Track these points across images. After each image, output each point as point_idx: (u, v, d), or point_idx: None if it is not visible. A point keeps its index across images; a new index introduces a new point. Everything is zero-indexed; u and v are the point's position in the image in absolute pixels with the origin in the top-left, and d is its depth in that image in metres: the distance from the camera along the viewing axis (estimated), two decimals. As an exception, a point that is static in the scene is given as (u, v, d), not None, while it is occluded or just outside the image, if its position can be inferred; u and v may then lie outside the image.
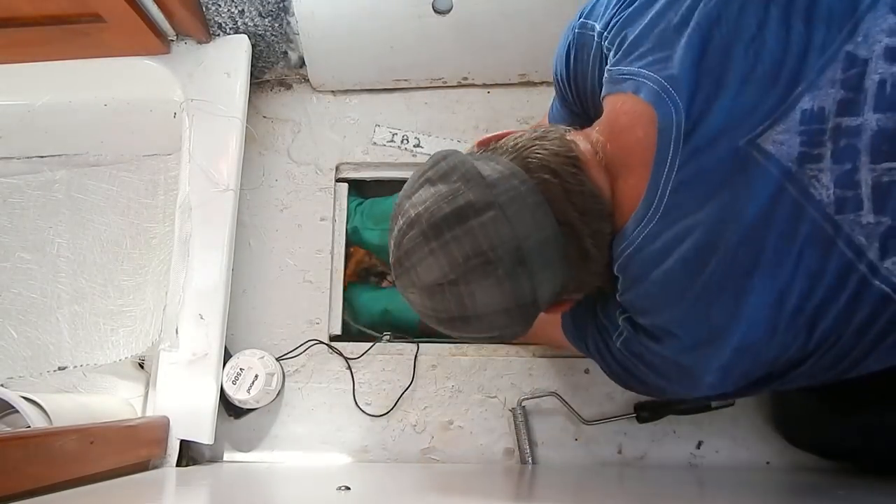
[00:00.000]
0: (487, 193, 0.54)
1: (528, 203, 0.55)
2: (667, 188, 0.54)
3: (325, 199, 0.97)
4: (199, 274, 0.85)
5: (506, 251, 0.54)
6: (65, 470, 0.62)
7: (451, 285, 0.55)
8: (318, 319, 0.92)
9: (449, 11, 0.88)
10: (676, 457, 0.85)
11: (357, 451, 0.87)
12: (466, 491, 0.71)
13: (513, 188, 0.55)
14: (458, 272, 0.54)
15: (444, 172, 0.56)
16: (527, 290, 0.55)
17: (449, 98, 1.00)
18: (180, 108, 0.91)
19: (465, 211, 0.54)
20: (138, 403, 0.92)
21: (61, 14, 0.82)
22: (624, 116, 0.58)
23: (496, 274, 0.54)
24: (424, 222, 0.55)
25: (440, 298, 0.56)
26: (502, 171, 0.56)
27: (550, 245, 0.55)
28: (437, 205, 0.55)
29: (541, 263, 0.55)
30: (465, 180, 0.55)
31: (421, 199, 0.56)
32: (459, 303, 0.56)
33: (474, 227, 0.54)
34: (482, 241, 0.53)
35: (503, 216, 0.54)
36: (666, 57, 0.55)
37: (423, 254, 0.55)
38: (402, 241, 0.57)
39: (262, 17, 0.91)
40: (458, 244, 0.54)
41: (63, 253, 1.00)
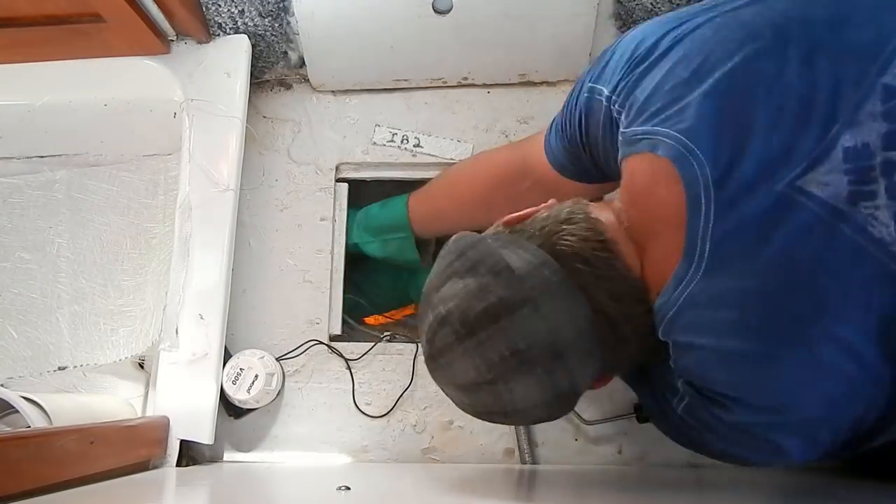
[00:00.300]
0: (519, 288, 0.53)
1: (561, 294, 0.54)
2: (706, 243, 0.51)
3: (325, 199, 0.97)
4: (199, 274, 0.84)
5: (542, 348, 0.53)
6: (65, 470, 0.62)
7: (488, 384, 0.55)
8: (318, 319, 0.92)
9: (449, 11, 0.88)
10: (676, 457, 0.85)
11: (357, 451, 0.87)
12: (466, 491, 0.71)
13: (544, 280, 0.54)
14: (494, 372, 0.54)
15: (472, 265, 0.55)
16: (565, 383, 0.55)
17: (449, 98, 1.00)
18: (180, 108, 0.91)
19: (497, 309, 0.53)
20: (138, 403, 0.92)
21: (61, 14, 0.81)
22: (641, 178, 0.56)
23: (534, 372, 0.53)
24: (456, 321, 0.54)
25: (477, 396, 0.56)
26: (531, 260, 0.55)
27: (586, 335, 0.54)
28: (468, 302, 0.54)
29: (578, 356, 0.54)
30: (494, 273, 0.54)
31: (450, 293, 0.55)
32: (498, 400, 0.55)
33: (507, 325, 0.53)
34: (517, 340, 0.53)
35: (536, 312, 0.53)
36: (680, 111, 0.53)
37: (456, 354, 0.55)
38: (434, 339, 0.56)
39: (262, 17, 0.91)
40: (492, 344, 0.53)
41: (63, 253, 1.00)
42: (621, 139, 0.58)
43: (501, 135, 0.98)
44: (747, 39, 0.53)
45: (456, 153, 0.98)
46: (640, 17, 0.92)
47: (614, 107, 0.59)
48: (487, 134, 0.98)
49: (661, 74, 0.56)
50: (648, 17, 0.91)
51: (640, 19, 0.92)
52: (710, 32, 0.55)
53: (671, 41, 0.57)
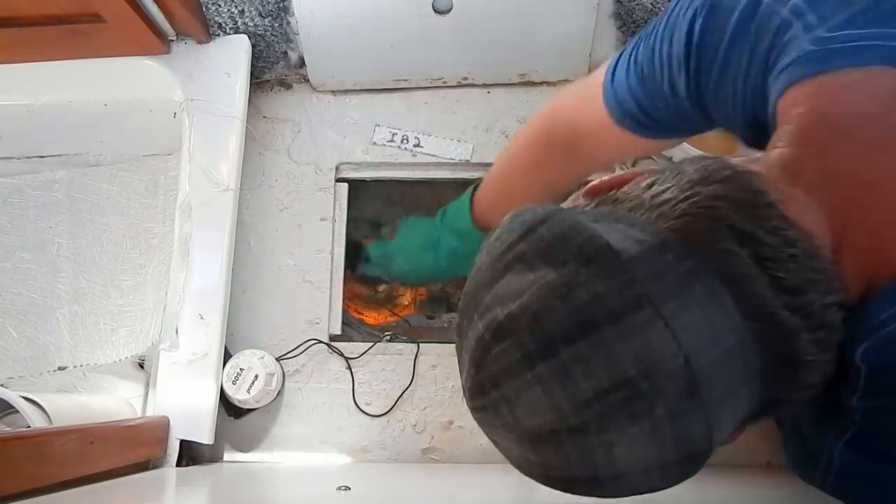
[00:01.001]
0: (628, 281, 0.34)
1: (698, 294, 0.34)
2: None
3: (325, 199, 0.97)
4: (199, 274, 0.84)
5: (667, 377, 0.33)
6: (65, 470, 0.62)
7: (573, 434, 0.35)
8: (318, 319, 0.92)
9: (449, 11, 0.88)
10: (676, 457, 0.85)
11: (357, 451, 0.87)
12: (466, 491, 0.71)
13: (668, 270, 0.34)
14: (586, 415, 0.34)
15: (548, 245, 0.36)
16: (698, 434, 0.35)
17: (449, 98, 1.00)
18: (180, 108, 0.91)
19: (593, 312, 0.34)
20: (138, 403, 0.92)
21: (61, 14, 0.81)
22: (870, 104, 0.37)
23: (651, 415, 0.34)
24: (524, 332, 0.35)
25: (554, 451, 0.36)
26: (644, 239, 0.35)
27: (735, 358, 0.35)
28: (543, 302, 0.35)
29: (723, 391, 0.34)
30: (586, 259, 0.34)
31: (513, 290, 0.36)
32: (587, 459, 0.35)
33: (612, 340, 0.33)
34: (627, 363, 0.33)
35: (659, 318, 0.33)
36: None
37: (523, 382, 0.35)
38: (484, 360, 0.37)
39: (262, 17, 0.91)
40: (585, 369, 0.34)
41: (63, 253, 1.00)
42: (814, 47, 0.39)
43: (501, 135, 0.98)
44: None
45: (456, 153, 0.98)
46: (640, 17, 0.92)
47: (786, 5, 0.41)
48: (487, 134, 0.98)
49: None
50: (648, 17, 0.92)
51: (640, 20, 0.92)
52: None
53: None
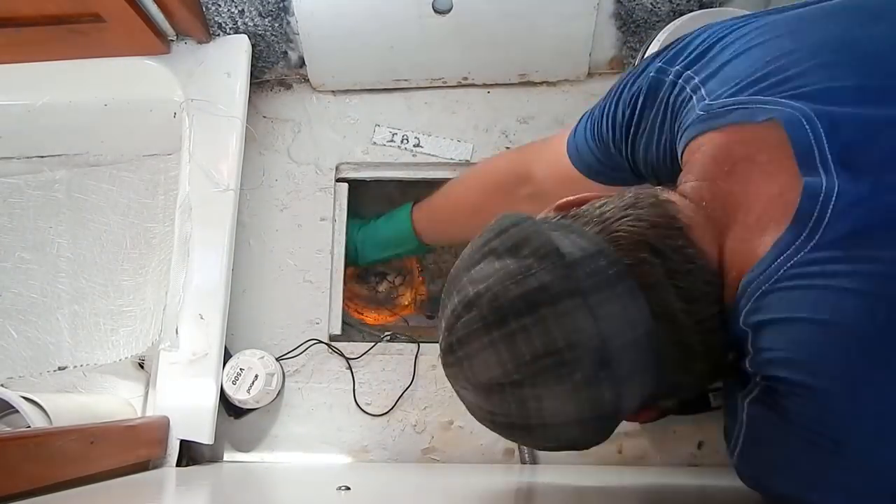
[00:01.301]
0: (567, 275, 0.44)
1: (619, 290, 0.45)
2: (827, 209, 0.42)
3: (325, 199, 0.97)
4: (199, 274, 0.84)
5: (586, 351, 0.44)
6: (65, 470, 0.62)
7: (513, 387, 0.45)
8: (318, 319, 0.92)
9: (449, 11, 0.88)
10: (676, 457, 0.85)
11: (357, 451, 0.87)
12: (466, 491, 0.71)
13: (599, 270, 0.45)
14: (523, 372, 0.45)
15: (514, 244, 0.47)
16: (608, 400, 0.45)
17: (449, 98, 1.00)
18: (180, 108, 0.91)
19: (538, 296, 0.44)
20: (138, 403, 0.92)
21: (61, 14, 0.81)
22: (737, 147, 0.48)
23: (572, 379, 0.44)
24: (486, 305, 0.46)
25: (499, 400, 0.47)
26: (585, 247, 0.46)
27: (643, 345, 0.45)
28: (503, 284, 0.45)
29: (629, 368, 0.45)
30: (540, 256, 0.46)
31: (483, 274, 0.47)
32: (522, 408, 0.46)
33: (547, 317, 0.44)
34: (557, 337, 0.44)
35: (585, 306, 0.44)
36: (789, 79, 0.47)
37: (481, 344, 0.46)
38: (455, 325, 0.48)
39: (262, 17, 0.91)
40: (525, 337, 0.44)
41: (63, 253, 1.00)
42: (701, 114, 0.51)
43: (501, 135, 0.98)
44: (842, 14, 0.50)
45: (456, 153, 0.98)
46: (641, 17, 0.92)
47: (688, 83, 0.53)
48: (487, 134, 0.98)
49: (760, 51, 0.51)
50: (648, 17, 0.92)
51: (640, 19, 0.92)
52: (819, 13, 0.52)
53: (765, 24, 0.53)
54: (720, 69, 0.52)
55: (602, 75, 1.00)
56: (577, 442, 0.49)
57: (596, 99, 0.72)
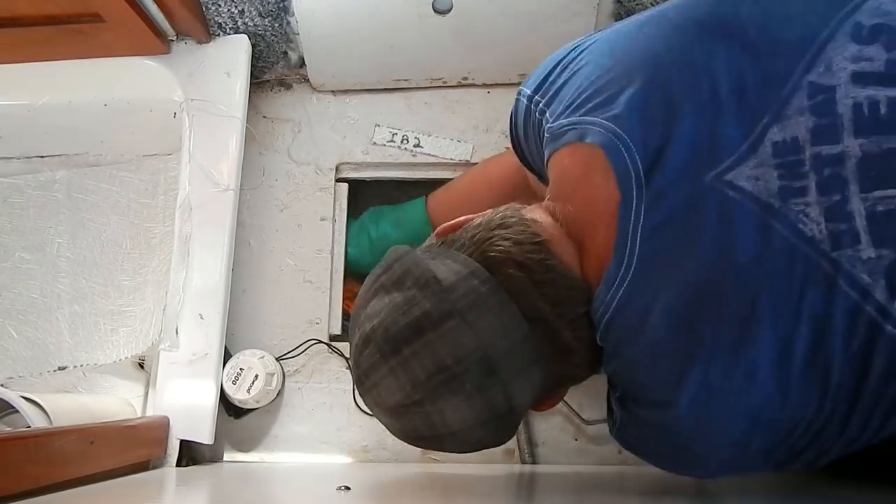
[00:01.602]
0: (444, 300, 0.50)
1: (492, 305, 0.50)
2: (636, 239, 0.49)
3: (325, 199, 0.97)
4: (199, 274, 0.84)
5: (471, 362, 0.49)
6: (65, 470, 0.62)
7: (416, 406, 0.51)
8: (318, 319, 0.92)
9: (449, 11, 0.88)
10: (676, 457, 0.85)
11: (357, 451, 0.87)
12: (466, 491, 0.71)
13: (472, 290, 0.50)
14: (421, 392, 0.50)
15: (398, 278, 0.52)
16: (500, 401, 0.51)
17: (449, 98, 1.00)
18: (180, 108, 0.91)
19: (421, 322, 0.49)
20: (138, 403, 0.92)
21: (61, 14, 0.81)
22: (573, 168, 0.54)
23: (464, 390, 0.49)
24: (380, 338, 0.51)
25: (407, 420, 0.52)
26: (459, 270, 0.51)
27: (521, 347, 0.51)
28: (392, 317, 0.51)
29: (513, 370, 0.50)
30: (420, 286, 0.50)
31: (375, 310, 0.52)
32: (428, 423, 0.51)
33: (433, 339, 0.49)
34: (444, 355, 0.49)
35: (464, 324, 0.49)
36: (607, 100, 0.52)
37: (381, 373, 0.51)
38: (359, 360, 0.53)
39: (262, 17, 0.91)
40: (418, 361, 0.49)
41: (63, 253, 1.00)
42: (548, 136, 0.56)
43: (501, 135, 0.98)
44: (674, 33, 0.53)
45: (456, 153, 0.98)
46: (640, 17, 0.92)
47: (537, 107, 0.59)
48: (487, 134, 0.98)
49: (586, 70, 0.55)
50: (648, 17, 0.92)
51: (640, 19, 0.92)
52: (635, 31, 0.56)
53: (594, 43, 0.57)
54: (559, 91, 0.57)
55: (602, 75, 1.00)
56: (486, 441, 0.54)
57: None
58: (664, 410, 0.51)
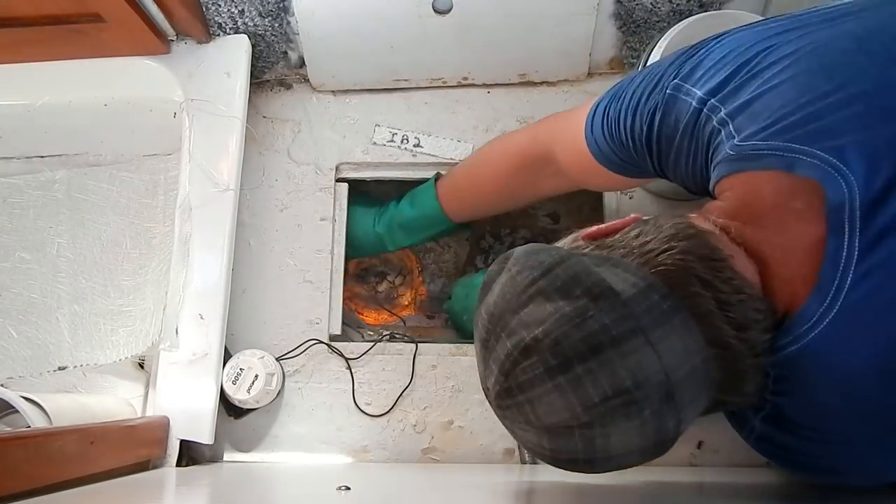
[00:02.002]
0: (625, 315, 0.45)
1: (675, 325, 0.46)
2: (846, 278, 0.45)
3: (325, 199, 0.97)
4: (199, 274, 0.84)
5: (653, 388, 0.45)
6: (65, 470, 0.62)
7: (581, 428, 0.46)
8: (318, 319, 0.92)
9: (449, 11, 0.88)
10: (676, 457, 0.85)
11: (357, 451, 0.87)
12: (466, 491, 0.71)
13: (654, 306, 0.46)
14: (592, 415, 0.45)
15: (563, 284, 0.47)
16: (671, 427, 0.47)
17: (449, 98, 1.00)
18: (180, 108, 0.91)
19: (599, 339, 0.45)
20: (138, 403, 0.92)
21: (61, 14, 0.81)
22: (771, 196, 0.49)
23: (641, 416, 0.45)
24: (547, 351, 0.45)
25: (565, 441, 0.47)
26: (636, 283, 0.46)
27: (700, 372, 0.47)
28: (562, 329, 0.45)
29: (690, 396, 0.46)
30: (593, 297, 0.45)
31: (535, 317, 0.46)
32: (589, 446, 0.47)
33: (614, 358, 0.44)
34: (624, 377, 0.44)
35: (648, 343, 0.44)
36: (824, 129, 0.47)
37: (544, 389, 0.46)
38: (513, 370, 0.47)
39: (262, 17, 0.91)
40: (593, 381, 0.45)
41: (63, 253, 1.00)
42: (732, 153, 0.51)
43: (501, 135, 0.98)
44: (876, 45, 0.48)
45: (456, 153, 0.98)
46: (641, 17, 0.92)
47: (715, 114, 0.52)
48: (487, 134, 0.98)
49: (791, 89, 0.49)
50: (648, 17, 0.92)
51: (640, 19, 0.92)
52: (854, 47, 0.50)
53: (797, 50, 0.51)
54: (749, 104, 0.51)
55: (602, 75, 1.00)
56: (631, 466, 0.50)
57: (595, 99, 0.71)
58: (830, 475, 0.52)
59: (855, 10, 0.52)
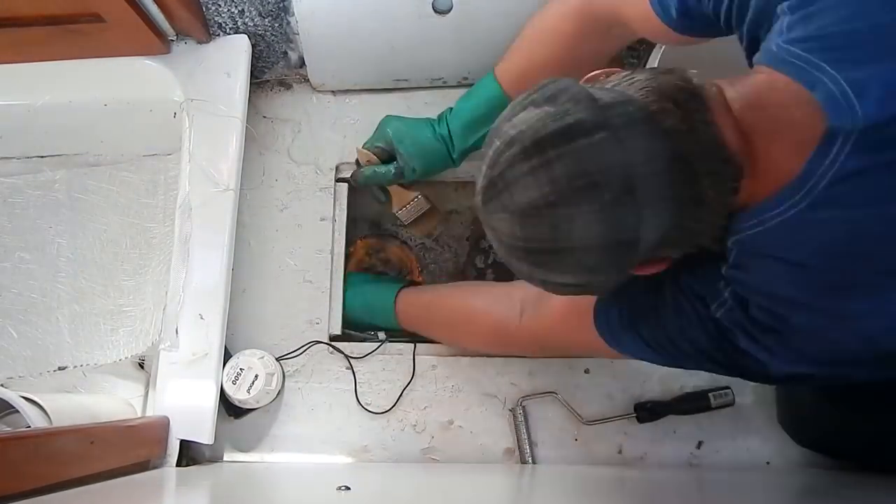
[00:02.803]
0: (599, 114, 0.50)
1: (643, 130, 0.50)
2: (823, 179, 0.49)
3: (325, 199, 0.97)
4: (199, 274, 0.85)
5: (615, 176, 0.49)
6: (65, 470, 0.62)
7: (548, 207, 0.51)
8: (318, 319, 0.92)
9: (449, 11, 0.88)
10: (676, 457, 0.85)
11: (357, 451, 0.87)
12: (466, 491, 0.71)
13: (627, 113, 0.51)
14: (559, 193, 0.50)
15: (552, 94, 0.53)
16: (630, 224, 0.51)
17: (449, 98, 1.00)
18: (180, 108, 0.91)
19: (573, 129, 0.50)
20: (138, 403, 0.92)
21: (61, 14, 0.81)
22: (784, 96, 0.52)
23: (601, 199, 0.49)
24: (527, 140, 0.51)
25: (533, 224, 0.52)
26: (615, 96, 0.52)
27: (662, 179, 0.51)
28: (543, 122, 0.51)
29: (650, 197, 0.50)
30: (575, 101, 0.51)
31: (523, 119, 0.52)
32: (554, 230, 0.51)
33: (583, 146, 0.49)
34: (589, 163, 0.49)
35: (615, 138, 0.49)
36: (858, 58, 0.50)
37: (521, 172, 0.51)
38: (498, 160, 0.53)
39: (262, 17, 0.91)
40: (562, 163, 0.50)
41: (63, 253, 1.00)
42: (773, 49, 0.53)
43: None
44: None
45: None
46: (640, 17, 0.92)
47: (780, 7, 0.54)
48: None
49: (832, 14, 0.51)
50: (648, 17, 0.91)
51: (640, 19, 0.92)
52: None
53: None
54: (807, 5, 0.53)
55: (602, 75, 1.00)
56: (596, 273, 0.54)
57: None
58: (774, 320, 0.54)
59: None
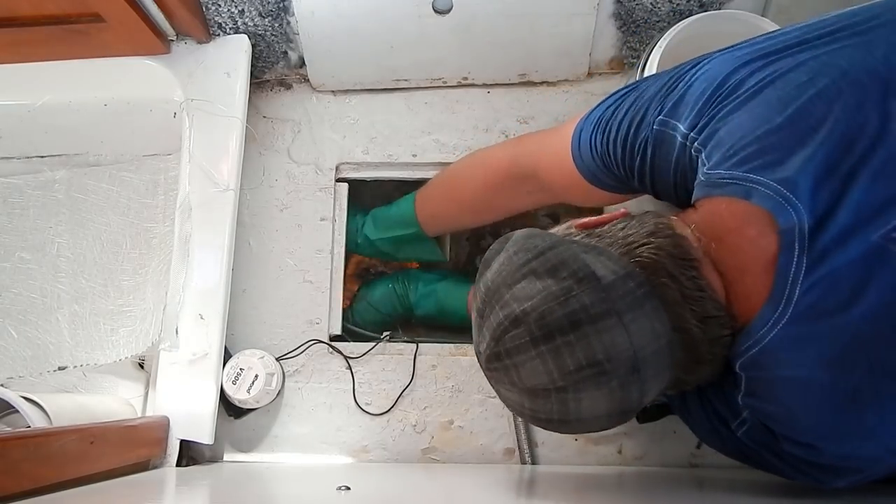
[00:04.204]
0: (604, 298, 0.51)
1: (646, 310, 0.52)
2: (795, 289, 0.51)
3: (325, 199, 0.97)
4: (199, 274, 0.85)
5: (622, 362, 0.51)
6: (65, 470, 0.62)
7: (557, 392, 0.53)
8: (318, 319, 0.92)
9: (449, 11, 0.88)
10: (676, 457, 0.85)
11: (357, 451, 0.87)
12: (466, 491, 0.71)
13: (629, 292, 0.52)
14: (568, 381, 0.52)
15: (553, 266, 0.53)
16: (635, 397, 0.54)
17: (449, 98, 1.00)
18: (180, 108, 0.91)
19: (579, 316, 0.51)
20: (138, 403, 0.92)
21: (61, 14, 0.81)
22: (731, 220, 0.55)
23: (609, 384, 0.52)
24: (533, 323, 0.52)
25: (542, 402, 0.54)
26: (616, 270, 0.53)
27: (665, 353, 0.53)
28: (548, 305, 0.52)
29: (653, 372, 0.53)
30: (578, 280, 0.52)
31: (526, 293, 0.53)
32: (563, 408, 0.54)
33: (589, 334, 0.51)
34: (598, 351, 0.51)
35: (620, 324, 0.51)
36: (777, 160, 0.52)
37: (528, 356, 0.53)
38: (502, 338, 0.54)
39: (262, 17, 0.91)
40: (570, 351, 0.51)
41: (63, 253, 1.00)
42: (703, 179, 0.57)
43: (501, 135, 0.98)
44: (847, 88, 0.52)
45: (456, 153, 0.98)
46: (641, 17, 0.92)
47: (692, 145, 0.58)
48: (487, 134, 0.98)
49: (750, 118, 0.55)
50: (648, 17, 0.92)
51: (640, 19, 0.92)
52: (804, 77, 0.54)
53: (759, 82, 0.56)
54: (715, 133, 0.56)
55: (602, 75, 1.00)
56: (604, 428, 0.58)
57: (596, 99, 0.72)
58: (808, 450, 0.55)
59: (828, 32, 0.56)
